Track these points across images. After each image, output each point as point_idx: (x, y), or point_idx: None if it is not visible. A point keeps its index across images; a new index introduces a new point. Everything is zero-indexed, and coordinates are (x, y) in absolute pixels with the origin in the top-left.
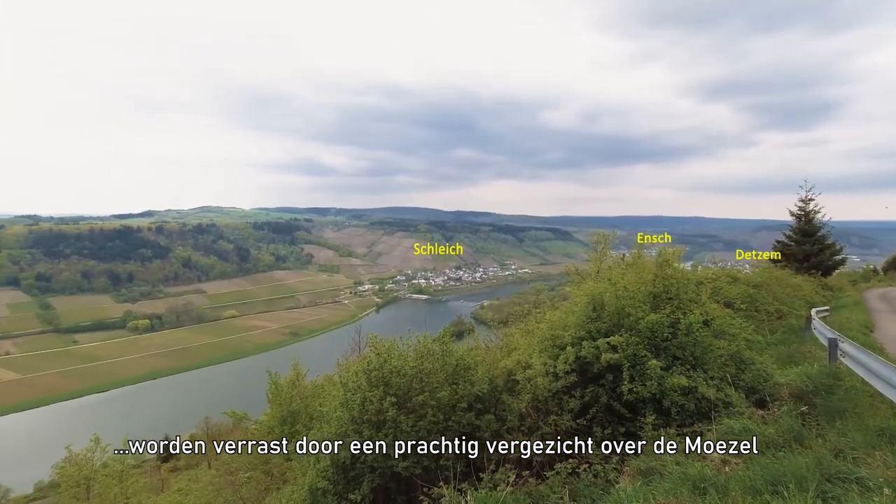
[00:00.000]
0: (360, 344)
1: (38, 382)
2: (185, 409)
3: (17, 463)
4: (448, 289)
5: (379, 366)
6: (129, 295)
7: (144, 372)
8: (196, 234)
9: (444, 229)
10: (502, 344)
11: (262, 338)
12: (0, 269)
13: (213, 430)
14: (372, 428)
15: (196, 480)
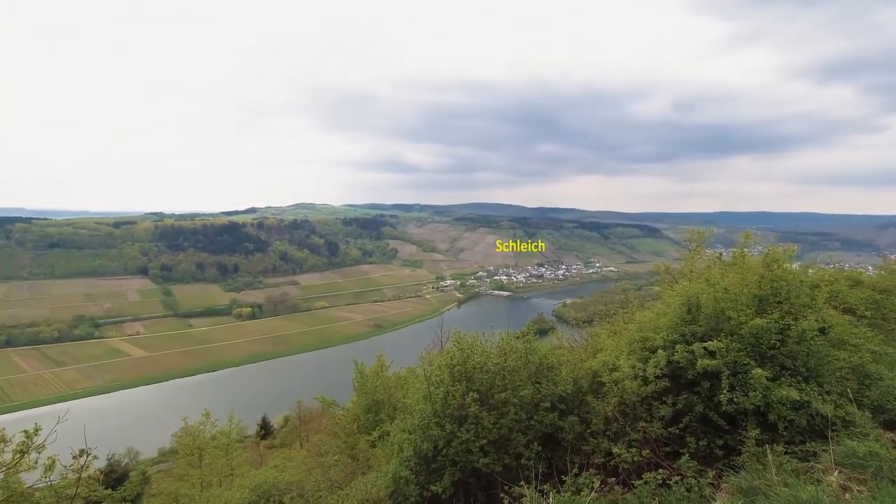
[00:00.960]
0: (443, 338)
1: (161, 360)
2: (280, 392)
3: (145, 430)
4: (529, 286)
5: (462, 361)
6: (234, 285)
7: (246, 355)
8: (292, 230)
9: (527, 226)
10: (587, 344)
11: (349, 328)
12: (133, 260)
13: (304, 413)
14: (454, 422)
15: (290, 459)
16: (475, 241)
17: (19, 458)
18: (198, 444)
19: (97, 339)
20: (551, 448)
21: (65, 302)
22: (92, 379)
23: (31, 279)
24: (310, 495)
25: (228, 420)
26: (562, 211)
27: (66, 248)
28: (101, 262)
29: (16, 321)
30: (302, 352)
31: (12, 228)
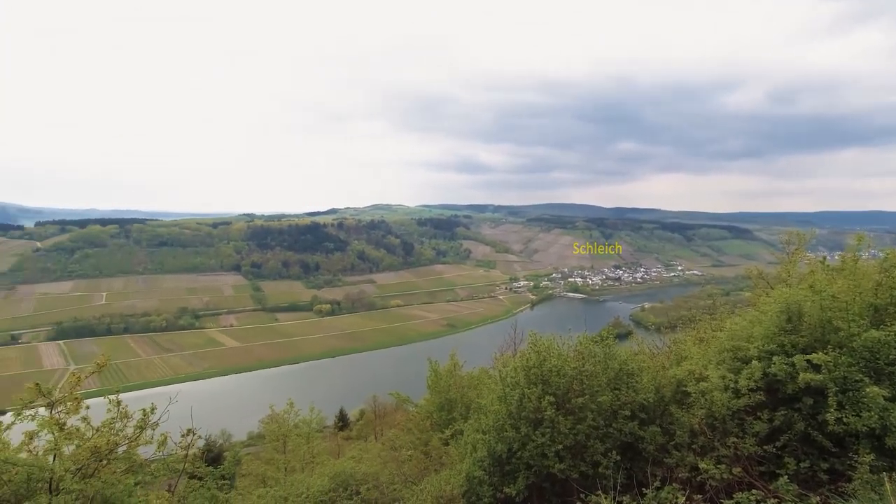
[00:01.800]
0: (516, 340)
1: (250, 351)
2: (356, 386)
3: (236, 414)
4: (606, 288)
5: (538, 364)
6: (315, 282)
7: (325, 350)
8: (369, 230)
9: (603, 226)
10: (670, 350)
11: (423, 327)
12: (228, 258)
13: (379, 408)
14: (529, 425)
15: (366, 451)
16: (549, 241)
17: (139, 433)
18: (282, 431)
19: (197, 329)
20: (631, 458)
21: (171, 295)
22: (193, 365)
23: (144, 273)
24: (385, 487)
25: (309, 410)
26: (641, 211)
27: (172, 247)
28: (201, 259)
29: (132, 311)
30: (377, 348)
31: (131, 228)
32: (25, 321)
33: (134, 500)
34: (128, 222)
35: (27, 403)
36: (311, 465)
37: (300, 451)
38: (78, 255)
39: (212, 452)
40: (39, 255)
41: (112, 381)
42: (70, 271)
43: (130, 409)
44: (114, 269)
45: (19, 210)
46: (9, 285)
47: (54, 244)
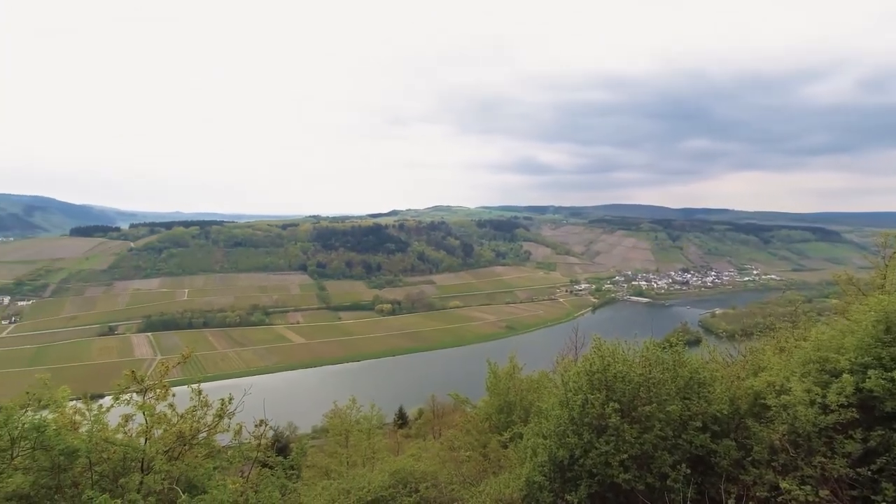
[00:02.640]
0: (577, 343)
1: (315, 347)
2: (415, 385)
3: (301, 408)
4: (672, 293)
5: (602, 369)
6: (377, 282)
7: (386, 348)
8: (429, 231)
9: (670, 228)
10: (745, 360)
11: (482, 328)
12: (296, 258)
13: (438, 408)
14: (592, 432)
15: (425, 450)
16: (612, 243)
17: (217, 421)
18: (345, 426)
19: (267, 325)
20: (702, 472)
21: (245, 292)
22: (263, 359)
23: (221, 272)
24: (443, 487)
25: (370, 407)
26: (712, 211)
27: (246, 247)
28: (271, 258)
29: (210, 307)
30: (436, 348)
31: (210, 230)
32: (121, 314)
33: (213, 483)
34: (207, 224)
35: (124, 389)
36: (372, 460)
37: (361, 447)
38: (165, 254)
39: (279, 443)
40: (133, 255)
41: (192, 372)
42: (158, 269)
43: (209, 399)
44: (195, 268)
45: (117, 213)
46: (108, 282)
47: (145, 244)
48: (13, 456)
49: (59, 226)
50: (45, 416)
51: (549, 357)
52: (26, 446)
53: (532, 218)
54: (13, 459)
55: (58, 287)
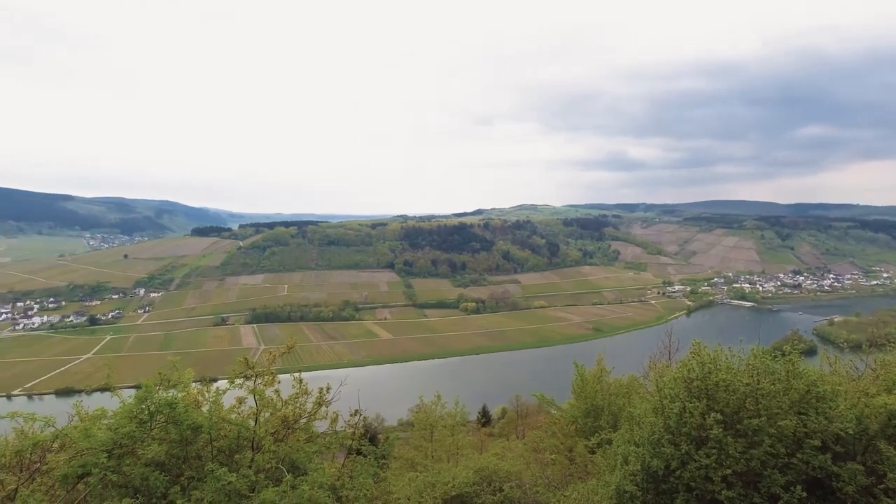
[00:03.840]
0: (672, 348)
1: (401, 343)
2: (498, 384)
3: (388, 401)
4: (781, 297)
5: (702, 376)
6: (462, 280)
7: (470, 347)
8: (514, 230)
9: (779, 225)
10: (875, 374)
11: (567, 329)
12: (384, 256)
13: (521, 408)
14: (690, 443)
15: (509, 450)
16: (710, 243)
17: (317, 409)
18: (430, 421)
19: (357, 320)
20: (821, 497)
21: (337, 289)
22: (353, 353)
23: (316, 269)
24: (528, 488)
25: (454, 404)
26: (830, 207)
27: (339, 245)
28: (361, 257)
29: (306, 302)
30: (519, 348)
31: (307, 230)
32: (231, 307)
33: (313, 466)
34: (304, 224)
35: (238, 374)
36: (456, 456)
37: (446, 442)
38: (268, 252)
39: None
40: (241, 253)
41: (291, 362)
42: (262, 266)
43: (308, 387)
44: (293, 265)
45: (229, 215)
46: (221, 277)
47: (251, 243)
48: (151, 427)
49: (183, 227)
50: (175, 395)
51: (638, 361)
52: (161, 420)
53: (621, 216)
54: (151, 430)
55: (181, 281)
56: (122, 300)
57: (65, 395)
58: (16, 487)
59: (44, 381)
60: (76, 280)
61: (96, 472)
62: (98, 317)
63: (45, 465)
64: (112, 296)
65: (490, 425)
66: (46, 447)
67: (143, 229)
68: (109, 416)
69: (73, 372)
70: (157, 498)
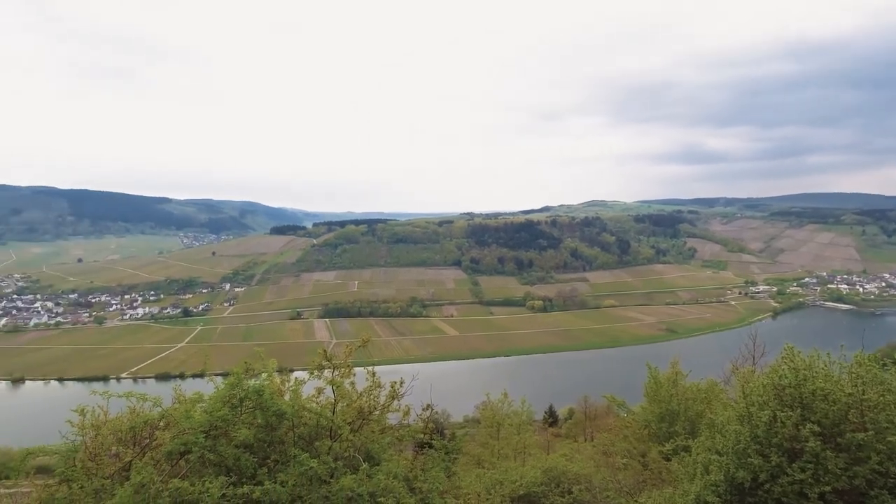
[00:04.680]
0: (756, 352)
1: (468, 340)
2: (566, 384)
3: (454, 397)
4: (886, 299)
5: (796, 383)
6: (528, 278)
7: (536, 345)
8: (583, 227)
9: (885, 220)
10: None
11: (638, 330)
12: (450, 254)
13: (590, 409)
14: (782, 455)
15: (577, 451)
16: (801, 239)
17: (390, 402)
18: (496, 419)
19: (424, 317)
20: None
21: (405, 285)
22: (420, 349)
23: (385, 266)
24: (597, 492)
25: (521, 402)
26: None
27: (406, 243)
28: (428, 254)
29: (375, 298)
30: (588, 348)
31: (376, 228)
32: (305, 302)
33: (387, 456)
34: (374, 222)
35: (318, 365)
36: (523, 455)
37: (512, 440)
38: (339, 249)
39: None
40: (315, 250)
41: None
42: (334, 263)
43: (381, 381)
44: (363, 262)
45: (304, 214)
46: (296, 273)
47: (324, 241)
48: (241, 412)
49: (263, 226)
50: (262, 382)
51: (717, 365)
52: (249, 405)
53: (698, 212)
54: (241, 415)
55: (261, 277)
56: (210, 294)
57: (163, 379)
58: (130, 460)
59: (146, 366)
60: (172, 275)
61: (196, 451)
62: (190, 309)
63: (154, 441)
64: (202, 290)
65: (557, 425)
66: (154, 425)
67: (228, 228)
68: (205, 399)
69: (169, 359)
70: (248, 478)
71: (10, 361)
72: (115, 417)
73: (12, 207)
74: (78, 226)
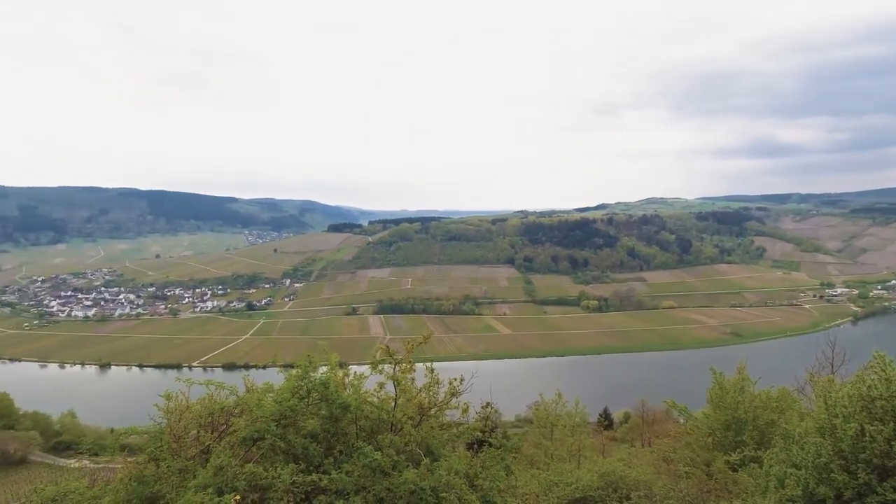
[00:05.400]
0: (835, 360)
1: (520, 339)
2: (621, 386)
3: (506, 396)
4: None
5: (888, 395)
6: (583, 277)
7: (591, 346)
8: (640, 225)
9: None
10: None
11: (700, 333)
12: (504, 252)
13: (647, 413)
14: (871, 472)
15: (635, 456)
16: (887, 238)
17: (449, 399)
18: (550, 419)
19: (476, 315)
20: None
21: (457, 283)
22: (472, 346)
23: (438, 264)
24: (658, 499)
25: (575, 404)
26: None
27: (459, 241)
28: (481, 252)
29: (428, 295)
30: (645, 350)
31: (430, 225)
32: (360, 298)
33: (446, 452)
34: (427, 220)
35: (380, 360)
36: (578, 457)
37: (567, 442)
38: (394, 247)
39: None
40: (370, 248)
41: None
42: (388, 260)
43: (440, 378)
44: (417, 259)
45: (359, 212)
46: (352, 270)
47: (379, 239)
48: (308, 403)
49: (321, 224)
50: (328, 375)
51: (789, 372)
52: (315, 397)
53: (768, 209)
54: (308, 406)
55: (319, 273)
56: (272, 289)
57: (229, 368)
58: (209, 444)
59: (214, 356)
60: (238, 271)
61: (268, 438)
62: (254, 303)
63: (230, 427)
64: (264, 285)
65: (612, 429)
66: (230, 412)
67: (289, 226)
68: (275, 390)
69: (235, 350)
70: (315, 466)
71: (99, 348)
72: (195, 402)
73: (101, 208)
74: (156, 224)
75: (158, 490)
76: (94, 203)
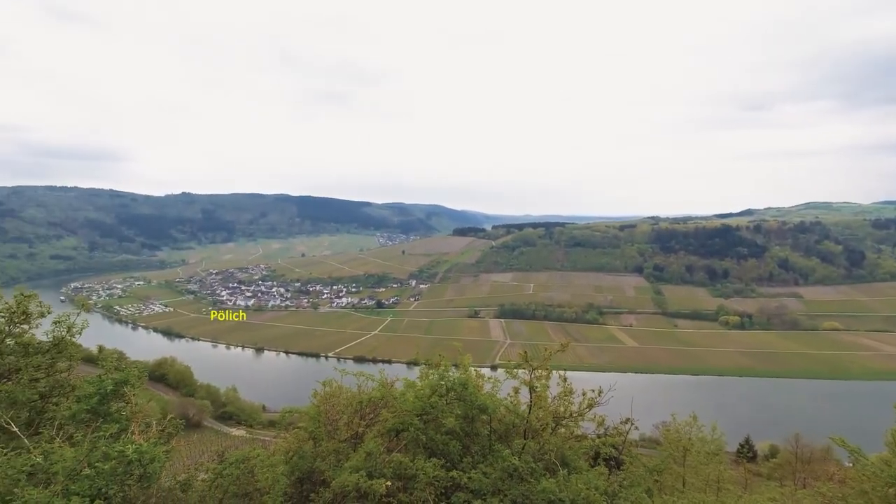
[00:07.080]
0: None
1: (647, 353)
2: (767, 415)
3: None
4: None
5: None
6: (723, 290)
7: (730, 366)
8: (796, 233)
9: None
10: None
11: (873, 361)
12: (631, 259)
13: (802, 450)
14: None
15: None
16: None
17: (586, 410)
18: (682, 443)
19: (600, 324)
20: None
21: (581, 290)
22: (595, 357)
23: (562, 270)
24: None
25: (712, 429)
26: None
27: (584, 247)
28: (607, 259)
29: (550, 301)
30: (800, 376)
31: (553, 231)
32: (482, 301)
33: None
34: (552, 226)
35: (516, 364)
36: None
37: (701, 471)
38: (517, 252)
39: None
40: (493, 252)
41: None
42: (511, 265)
43: (572, 387)
44: (540, 265)
45: (484, 217)
46: (475, 273)
47: (502, 243)
48: (447, 401)
49: (447, 227)
50: (466, 375)
51: None
52: (452, 396)
53: None
54: (447, 404)
55: (443, 275)
56: (399, 289)
57: (359, 361)
58: (359, 431)
59: (346, 349)
60: (369, 270)
61: (411, 431)
62: (382, 301)
63: (378, 417)
64: (393, 285)
65: (755, 462)
66: (378, 403)
67: (416, 229)
68: (416, 386)
69: (364, 344)
70: (453, 463)
71: (255, 334)
72: (346, 389)
73: (261, 211)
74: (302, 225)
75: (317, 467)
76: (255, 207)
